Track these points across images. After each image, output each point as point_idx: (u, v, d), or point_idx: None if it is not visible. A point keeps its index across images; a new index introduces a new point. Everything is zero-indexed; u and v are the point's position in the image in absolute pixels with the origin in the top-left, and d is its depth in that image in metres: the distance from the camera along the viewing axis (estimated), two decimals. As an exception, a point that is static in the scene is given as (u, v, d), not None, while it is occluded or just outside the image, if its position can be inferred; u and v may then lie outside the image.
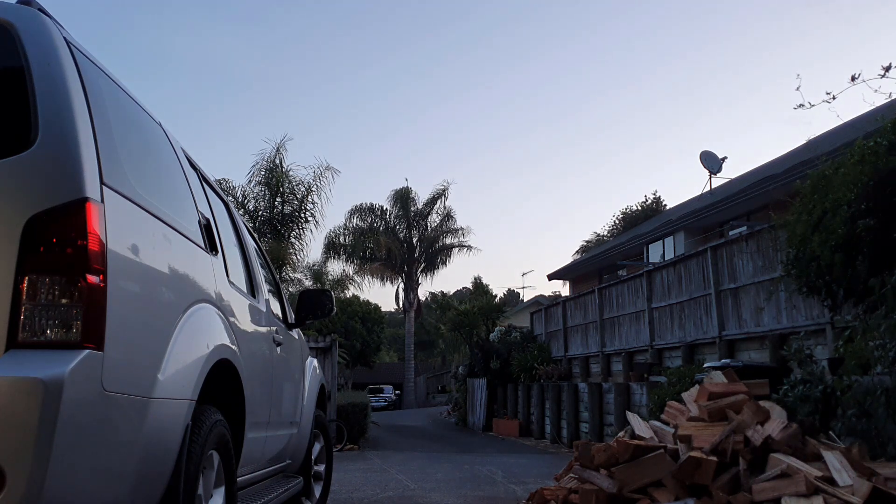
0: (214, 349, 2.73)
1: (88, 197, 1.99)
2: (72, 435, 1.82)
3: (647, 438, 5.17)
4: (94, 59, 2.41)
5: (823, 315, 8.11)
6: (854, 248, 5.53)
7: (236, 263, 3.68)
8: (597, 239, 32.74)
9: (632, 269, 16.89)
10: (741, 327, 10.53)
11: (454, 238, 35.57)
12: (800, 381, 5.97)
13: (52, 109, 2.05)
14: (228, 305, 3.13)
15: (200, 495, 2.54)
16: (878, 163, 5.50)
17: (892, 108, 6.44)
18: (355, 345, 31.93)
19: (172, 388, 2.33)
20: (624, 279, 15.45)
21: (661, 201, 31.36)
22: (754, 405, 5.03)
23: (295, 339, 4.87)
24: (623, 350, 14.59)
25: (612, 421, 12.72)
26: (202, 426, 2.53)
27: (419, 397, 43.67)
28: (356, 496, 7.15)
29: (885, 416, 5.02)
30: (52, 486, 1.78)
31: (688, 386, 7.94)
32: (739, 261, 10.64)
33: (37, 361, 1.83)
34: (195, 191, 3.16)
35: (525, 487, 7.57)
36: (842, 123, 10.55)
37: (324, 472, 5.49)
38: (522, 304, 37.43)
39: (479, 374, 20.71)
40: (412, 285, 36.20)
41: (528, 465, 10.84)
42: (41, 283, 1.91)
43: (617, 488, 4.60)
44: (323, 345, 14.25)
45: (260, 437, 3.62)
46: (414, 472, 9.61)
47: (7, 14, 2.17)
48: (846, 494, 3.94)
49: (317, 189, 20.50)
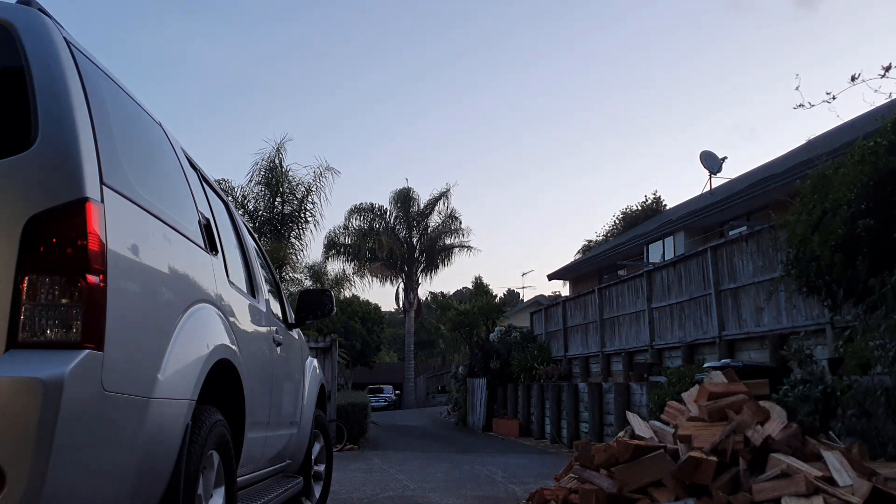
0: (214, 349, 2.72)
1: (88, 197, 1.99)
2: (72, 435, 1.82)
3: (647, 438, 5.17)
4: (94, 59, 2.41)
5: (823, 315, 8.11)
6: (854, 248, 5.53)
7: (236, 263, 3.68)
8: (601, 238, 32.73)
9: (632, 269, 16.89)
10: (741, 327, 10.52)
11: (455, 238, 35.67)
12: (800, 381, 5.97)
13: (52, 109, 2.04)
14: (228, 305, 3.13)
15: (200, 495, 2.54)
16: (878, 163, 5.50)
17: (892, 108, 6.44)
18: (355, 345, 31.89)
19: (172, 388, 2.33)
20: (624, 279, 15.44)
21: (661, 201, 31.35)
22: (754, 405, 5.03)
23: (295, 339, 4.87)
24: (623, 350, 14.59)
25: (612, 421, 12.72)
26: (202, 426, 2.53)
27: (419, 397, 43.66)
28: (356, 496, 7.15)
29: (884, 416, 5.02)
30: (52, 486, 1.78)
31: (688, 386, 7.94)
32: (739, 261, 10.64)
33: (37, 361, 1.83)
34: (195, 191, 3.16)
35: (525, 487, 7.57)
36: (842, 123, 10.56)
37: (324, 472, 5.49)
38: (522, 304, 37.42)
39: (479, 374, 20.70)
40: (412, 285, 36.22)
41: (528, 465, 10.85)
42: (41, 283, 1.90)
43: (617, 488, 4.60)
44: (323, 345, 14.25)
45: (260, 437, 3.62)
46: (414, 472, 9.61)
47: (7, 14, 2.17)
48: (846, 494, 3.94)
49: (317, 189, 20.55)
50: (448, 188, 35.28)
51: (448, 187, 35.33)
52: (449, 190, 35.23)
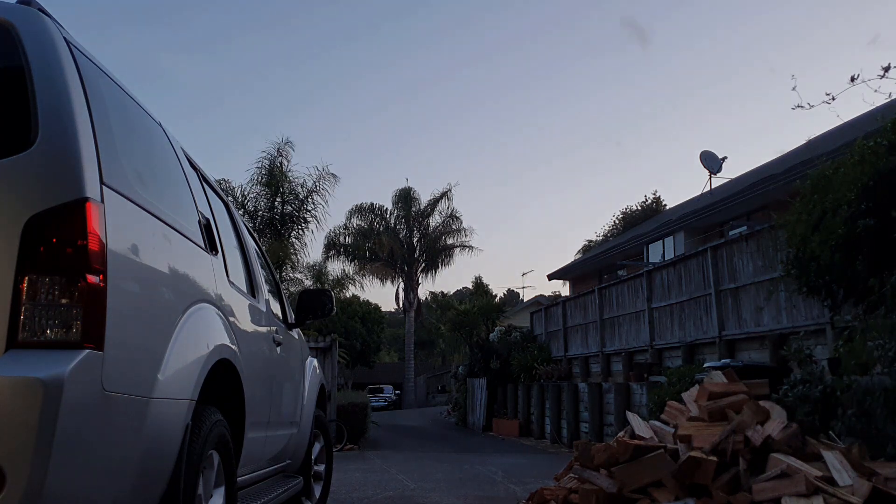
0: (214, 349, 2.72)
1: (88, 197, 1.99)
2: (72, 435, 1.82)
3: (647, 438, 5.16)
4: (94, 59, 2.41)
5: (823, 315, 8.11)
6: (854, 248, 5.53)
7: (236, 263, 3.68)
8: (601, 238, 32.73)
9: (632, 269, 16.88)
10: (741, 327, 10.52)
11: (456, 238, 35.70)
12: (800, 381, 5.96)
13: (52, 109, 2.04)
14: (228, 305, 3.13)
15: (200, 495, 2.54)
16: (878, 163, 5.49)
17: (892, 108, 6.45)
18: (355, 345, 31.88)
19: (172, 388, 2.33)
20: (624, 279, 15.44)
21: (661, 201, 31.39)
22: (754, 405, 5.03)
23: (295, 339, 4.87)
24: (623, 350, 14.58)
25: (612, 421, 12.72)
26: (202, 426, 2.53)
27: (419, 397, 43.66)
28: (356, 496, 7.15)
29: (884, 416, 5.02)
30: (52, 486, 1.78)
31: (688, 386, 7.93)
32: (739, 261, 10.64)
33: (37, 361, 1.83)
34: (195, 191, 3.16)
35: (525, 487, 7.57)
36: (842, 123, 10.56)
37: (324, 471, 5.49)
38: (522, 304, 37.41)
39: (479, 374, 20.70)
40: (412, 285, 36.22)
41: (527, 465, 10.85)
42: (41, 282, 1.90)
43: (617, 488, 4.60)
44: (323, 345, 14.25)
45: (260, 437, 3.62)
46: (414, 472, 9.61)
47: (7, 14, 2.17)
48: (846, 494, 3.93)
49: (318, 190, 20.57)
50: (449, 188, 35.44)
51: (449, 187, 35.48)
52: (450, 190, 35.38)
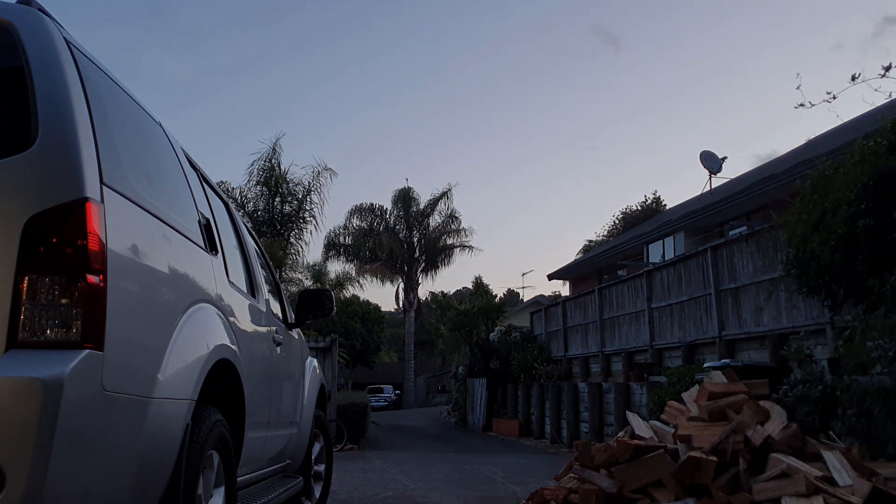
0: (214, 349, 2.73)
1: (88, 197, 1.99)
2: (72, 435, 1.82)
3: (647, 438, 5.17)
4: (94, 59, 2.41)
5: (823, 315, 8.11)
6: (854, 248, 5.53)
7: (236, 263, 3.68)
8: (601, 238, 32.75)
9: (632, 269, 16.88)
10: (741, 327, 10.52)
11: (455, 238, 35.69)
12: (800, 381, 5.96)
13: (52, 109, 2.05)
14: (228, 305, 3.13)
15: (200, 495, 2.54)
16: (878, 163, 5.49)
17: (892, 108, 6.45)
18: (355, 345, 31.89)
19: (172, 387, 2.33)
20: (624, 279, 15.44)
21: (661, 201, 31.40)
22: (754, 405, 5.03)
23: (295, 339, 4.87)
24: (623, 350, 14.58)
25: (612, 421, 12.71)
26: (202, 426, 2.53)
27: (419, 397, 43.65)
28: (356, 496, 7.15)
29: (884, 416, 5.02)
30: (52, 486, 1.78)
31: (688, 386, 7.93)
32: (739, 261, 10.64)
33: (37, 361, 1.83)
34: (195, 191, 3.16)
35: (525, 487, 7.57)
36: (842, 123, 10.56)
37: (324, 471, 5.49)
38: (522, 304, 37.41)
39: (479, 374, 20.69)
40: (412, 285, 36.22)
41: (527, 465, 10.85)
42: (41, 282, 1.91)
43: (617, 488, 4.60)
44: (323, 345, 14.25)
45: (260, 437, 3.62)
46: (414, 471, 9.61)
47: (7, 14, 2.17)
48: (846, 494, 3.93)
49: (316, 189, 20.60)
50: (449, 188, 35.40)
51: (449, 187, 35.44)
52: (450, 190, 35.35)
